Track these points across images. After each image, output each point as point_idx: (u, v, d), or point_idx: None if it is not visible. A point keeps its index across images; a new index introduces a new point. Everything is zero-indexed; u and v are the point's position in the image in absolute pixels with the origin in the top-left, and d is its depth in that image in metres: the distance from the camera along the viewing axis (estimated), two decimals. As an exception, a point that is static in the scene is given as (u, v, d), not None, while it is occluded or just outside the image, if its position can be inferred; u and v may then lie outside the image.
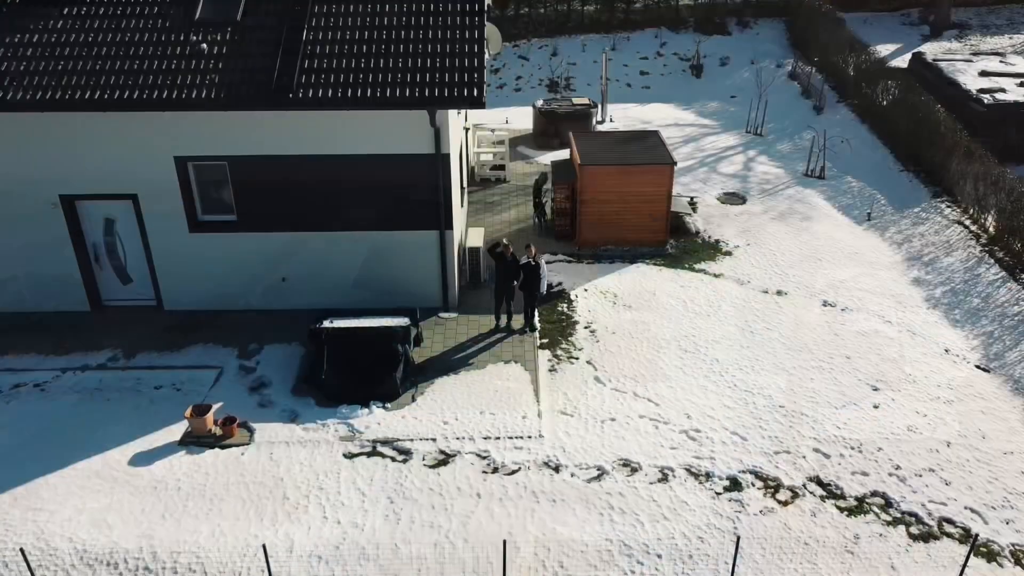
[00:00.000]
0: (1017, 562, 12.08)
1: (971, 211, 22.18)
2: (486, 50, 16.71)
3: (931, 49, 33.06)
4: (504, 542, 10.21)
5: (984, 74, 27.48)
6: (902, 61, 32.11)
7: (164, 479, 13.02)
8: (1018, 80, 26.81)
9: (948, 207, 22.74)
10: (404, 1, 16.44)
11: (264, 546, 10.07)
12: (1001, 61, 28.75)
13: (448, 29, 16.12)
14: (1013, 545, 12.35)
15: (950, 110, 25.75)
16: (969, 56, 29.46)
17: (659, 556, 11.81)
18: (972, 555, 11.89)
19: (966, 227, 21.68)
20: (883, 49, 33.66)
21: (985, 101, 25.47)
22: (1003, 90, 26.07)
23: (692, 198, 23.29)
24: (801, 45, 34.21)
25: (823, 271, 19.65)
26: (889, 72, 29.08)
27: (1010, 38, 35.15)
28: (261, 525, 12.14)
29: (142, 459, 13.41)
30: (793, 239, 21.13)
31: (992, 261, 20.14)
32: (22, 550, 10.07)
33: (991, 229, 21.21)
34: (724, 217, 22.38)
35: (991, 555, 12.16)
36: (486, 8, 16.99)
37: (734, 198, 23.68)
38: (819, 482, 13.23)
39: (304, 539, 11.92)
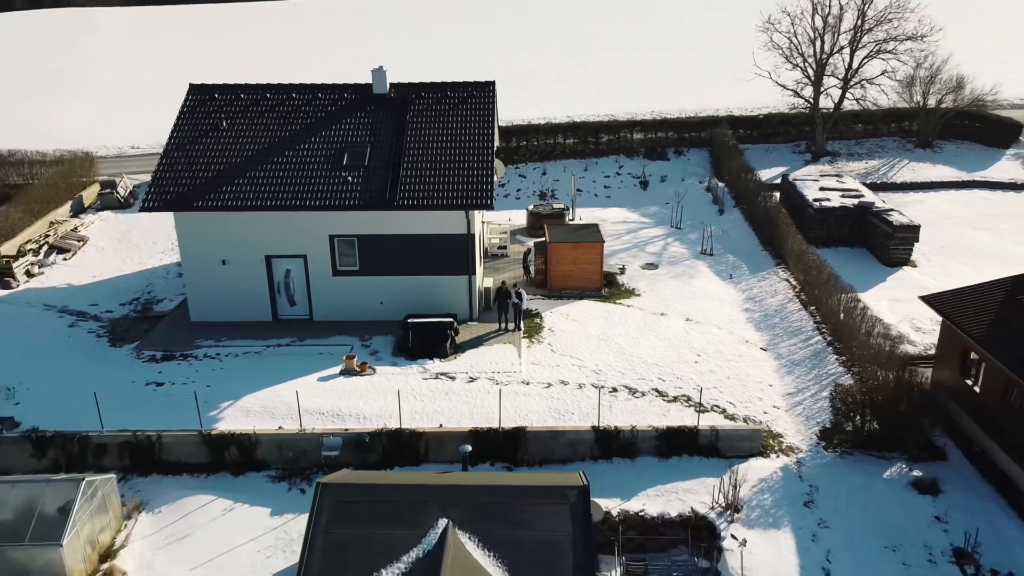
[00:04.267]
0: (725, 412, 25.44)
1: (792, 273, 36.07)
2: (495, 177, 31.08)
3: (805, 171, 47.47)
4: (500, 387, 23.76)
5: (822, 189, 41.83)
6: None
7: (336, 387, 26.64)
8: (841, 193, 41.13)
9: (781, 271, 36.61)
10: (451, 162, 30.85)
11: (399, 391, 23.66)
12: (838, 180, 43.17)
13: (473, 167, 30.51)
14: (748, 413, 25.75)
15: (798, 212, 40.04)
16: (817, 176, 43.93)
17: (573, 413, 25.28)
18: (706, 408, 25.36)
19: (789, 282, 35.48)
20: (773, 171, 48.29)
21: (814, 207, 39.73)
22: (829, 199, 40.34)
23: (623, 266, 37.26)
24: (716, 168, 48.90)
25: (691, 304, 33.45)
26: (767, 187, 43.50)
27: (866, 163, 49.80)
28: (386, 402, 25.67)
29: (323, 379, 27.07)
30: (679, 287, 35.01)
31: (797, 301, 33.82)
32: (296, 392, 23.72)
33: (799, 284, 35.02)
34: (641, 276, 36.34)
35: (728, 415, 25.54)
36: (495, 151, 31.48)
37: (651, 266, 37.71)
38: (656, 391, 26.72)
39: (406, 405, 25.44)
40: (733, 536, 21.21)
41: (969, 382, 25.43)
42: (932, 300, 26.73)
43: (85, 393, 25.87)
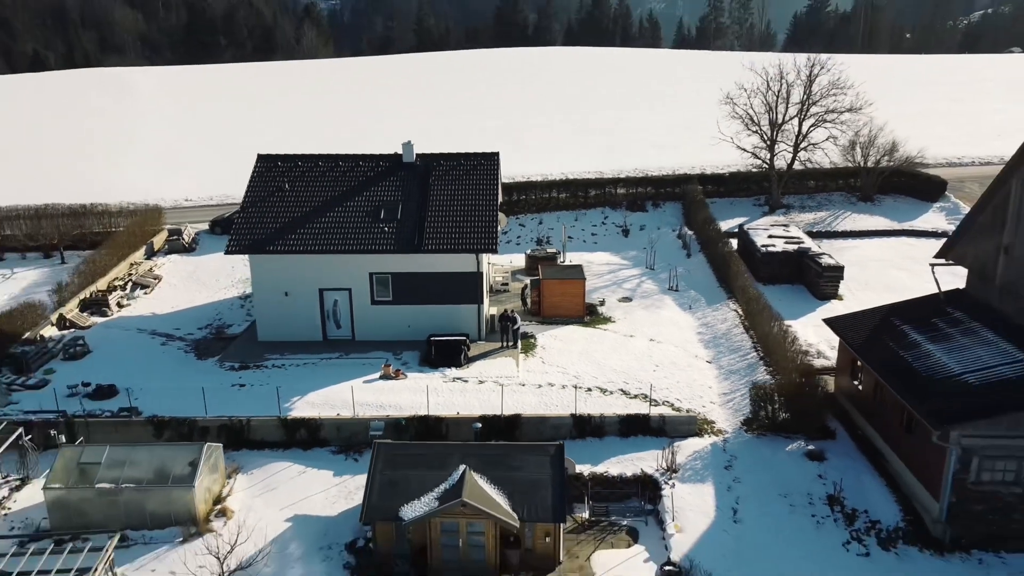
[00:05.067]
0: (672, 406, 33.68)
1: (739, 305, 44.46)
2: (499, 227, 39.70)
3: (759, 221, 56.02)
4: (502, 387, 32.11)
5: (770, 236, 50.40)
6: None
7: (377, 387, 34.94)
8: (785, 240, 49.70)
9: (732, 303, 45.00)
10: (464, 215, 39.56)
11: (426, 388, 31.98)
12: (784, 229, 51.77)
13: (481, 219, 39.15)
14: (691, 407, 33.98)
15: (750, 256, 48.59)
16: (768, 226, 52.55)
17: (557, 406, 33.52)
18: (659, 403, 33.61)
19: (736, 312, 43.85)
20: (735, 221, 56.87)
21: (762, 251, 48.27)
22: (775, 245, 48.89)
23: (603, 299, 45.72)
24: (687, 218, 57.57)
25: (656, 329, 41.83)
26: (726, 235, 52.11)
27: (815, 214, 58.43)
28: (416, 397, 33.94)
29: (367, 382, 35.39)
30: (647, 316, 43.43)
31: (741, 327, 42.15)
32: (351, 387, 32.07)
33: (743, 313, 43.36)
34: (617, 307, 44.80)
35: (675, 407, 33.79)
36: (499, 206, 40.16)
37: (626, 299, 46.17)
38: (622, 391, 34.99)
39: (431, 400, 33.72)
40: (666, 482, 29.42)
41: (856, 383, 33.70)
42: (830, 322, 35.13)
43: (186, 390, 34.29)
